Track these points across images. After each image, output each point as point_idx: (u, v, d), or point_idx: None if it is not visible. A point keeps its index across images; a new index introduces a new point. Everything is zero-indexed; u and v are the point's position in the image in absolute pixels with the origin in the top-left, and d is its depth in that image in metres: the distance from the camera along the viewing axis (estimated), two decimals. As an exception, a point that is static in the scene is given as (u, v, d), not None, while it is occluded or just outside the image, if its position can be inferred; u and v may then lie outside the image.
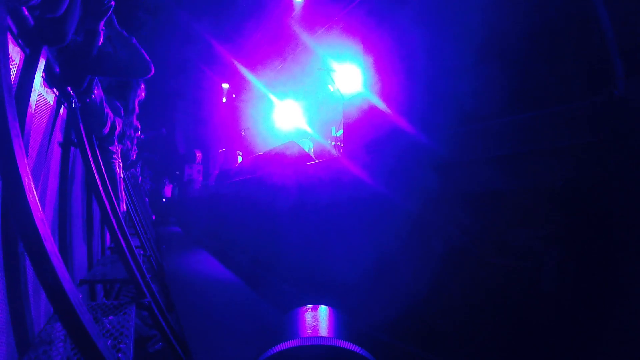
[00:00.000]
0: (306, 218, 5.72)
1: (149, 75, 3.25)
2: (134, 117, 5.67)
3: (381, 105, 4.29)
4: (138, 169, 10.20)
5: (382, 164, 4.09)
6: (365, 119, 4.66)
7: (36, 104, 2.23)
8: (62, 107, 2.94)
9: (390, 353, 3.53)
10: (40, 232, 1.36)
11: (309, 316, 2.01)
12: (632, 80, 1.89)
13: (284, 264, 6.40)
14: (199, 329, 4.40)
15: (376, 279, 3.94)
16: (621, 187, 1.82)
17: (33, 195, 1.39)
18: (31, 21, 2.06)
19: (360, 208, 4.38)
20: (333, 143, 10.71)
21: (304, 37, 11.89)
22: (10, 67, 1.86)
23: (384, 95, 4.27)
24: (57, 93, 2.77)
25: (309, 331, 1.78)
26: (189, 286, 6.62)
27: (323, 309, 2.13)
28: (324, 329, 1.82)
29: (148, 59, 3.12)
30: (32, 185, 1.42)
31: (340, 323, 1.92)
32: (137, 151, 7.78)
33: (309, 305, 2.18)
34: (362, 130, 4.79)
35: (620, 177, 1.83)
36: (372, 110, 4.43)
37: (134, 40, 3.18)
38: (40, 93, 2.36)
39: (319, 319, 1.97)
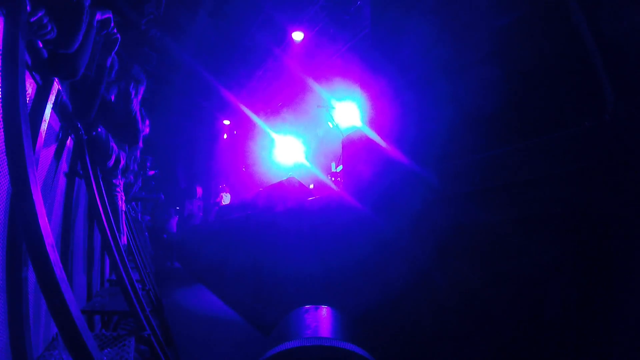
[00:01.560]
0: (307, 253, 5.70)
1: (137, 146, 3.30)
2: (138, 152, 5.76)
3: (378, 139, 4.34)
4: (139, 207, 10.20)
5: (381, 198, 4.11)
6: (363, 154, 4.70)
7: (45, 134, 2.29)
8: (69, 138, 3.00)
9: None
10: (51, 257, 1.39)
11: (309, 317, 1.99)
12: (621, 104, 1.95)
13: (285, 299, 6.33)
14: (198, 365, 4.33)
15: (380, 313, 3.91)
16: (618, 210, 1.85)
17: (44, 220, 1.42)
18: (45, 54, 2.14)
19: (360, 242, 4.38)
20: (333, 179, 10.77)
21: (304, 74, 12.14)
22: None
23: (381, 130, 4.32)
24: (64, 124, 2.84)
25: (309, 332, 1.76)
26: (188, 321, 6.53)
27: (324, 310, 2.11)
28: (324, 330, 1.81)
29: (140, 128, 3.21)
30: (45, 212, 1.45)
31: (340, 324, 1.91)
32: (140, 185, 7.84)
33: (310, 306, 2.16)
34: (360, 165, 4.82)
35: (616, 200, 1.86)
36: (370, 145, 4.47)
37: (134, 105, 3.30)
38: (49, 123, 2.42)
39: (319, 320, 1.95)
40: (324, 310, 2.17)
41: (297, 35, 11.79)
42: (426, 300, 3.28)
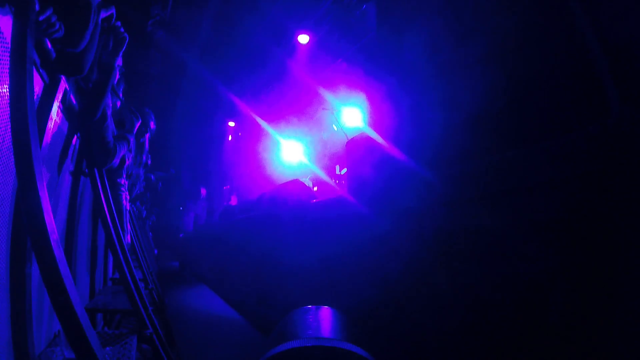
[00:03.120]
0: (310, 255, 5.69)
1: (145, 149, 3.34)
2: (144, 153, 5.77)
3: (381, 142, 4.33)
4: (143, 206, 10.20)
5: (383, 200, 4.11)
6: (367, 156, 4.69)
7: (52, 132, 2.30)
8: (75, 136, 3.01)
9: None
10: (55, 253, 1.39)
11: (310, 317, 1.99)
12: (626, 108, 1.94)
13: (288, 301, 6.33)
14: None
15: (381, 314, 3.90)
16: (621, 215, 1.84)
17: (50, 216, 1.42)
18: (53, 53, 2.16)
19: (363, 244, 4.37)
20: (337, 181, 10.78)
21: (309, 77, 12.15)
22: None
23: (384, 132, 4.32)
24: (71, 123, 2.85)
25: (310, 332, 1.76)
26: (191, 322, 6.53)
27: (324, 310, 2.11)
28: (325, 330, 1.80)
29: (112, 152, 3.25)
30: (50, 208, 1.46)
31: (341, 324, 1.90)
32: (144, 184, 7.87)
33: (311, 306, 2.16)
34: (363, 167, 4.82)
35: (619, 205, 1.86)
36: (373, 147, 4.46)
37: (122, 147, 3.41)
38: (56, 121, 2.43)
39: (320, 320, 1.95)
40: (326, 310, 2.17)
41: (303, 38, 11.81)
42: (428, 303, 3.28)
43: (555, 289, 2.15)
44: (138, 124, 4.30)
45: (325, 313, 2.13)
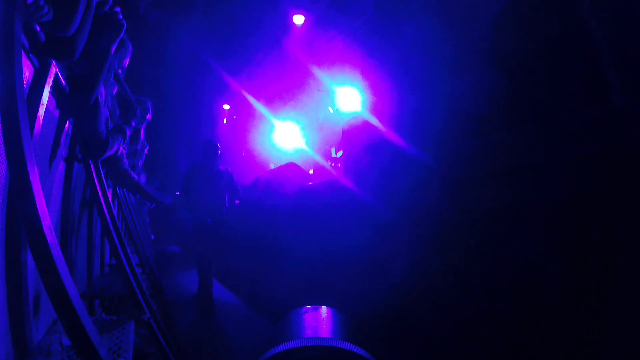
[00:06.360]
0: (306, 238, 5.72)
1: (99, 157, 3.32)
2: (142, 132, 5.70)
3: (378, 125, 4.31)
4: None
5: (379, 182, 4.10)
6: (363, 139, 4.67)
7: (43, 118, 2.27)
8: (67, 121, 2.98)
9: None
10: (48, 239, 1.38)
11: (309, 317, 2.00)
12: (627, 92, 1.93)
13: (284, 282, 6.38)
14: (198, 347, 4.37)
15: (374, 294, 3.93)
16: (619, 199, 1.84)
17: (42, 202, 1.41)
18: (42, 37, 2.12)
19: (359, 226, 4.38)
20: (332, 164, 10.76)
21: (304, 59, 12.03)
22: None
23: (381, 115, 4.29)
24: (63, 108, 2.81)
25: (309, 332, 1.77)
26: (188, 305, 6.59)
27: (323, 310, 2.12)
28: (324, 330, 1.81)
29: (105, 143, 3.17)
30: (42, 192, 1.44)
31: (340, 323, 1.91)
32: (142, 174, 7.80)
33: (309, 306, 2.17)
34: (359, 150, 4.81)
35: (618, 188, 1.86)
36: (369, 130, 4.43)
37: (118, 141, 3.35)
38: (48, 107, 2.40)
39: (319, 320, 1.96)
40: (325, 310, 2.17)
41: (298, 19, 11.66)
42: (424, 291, 3.30)
43: (549, 271, 2.17)
44: (148, 118, 4.30)
45: (325, 313, 2.13)
